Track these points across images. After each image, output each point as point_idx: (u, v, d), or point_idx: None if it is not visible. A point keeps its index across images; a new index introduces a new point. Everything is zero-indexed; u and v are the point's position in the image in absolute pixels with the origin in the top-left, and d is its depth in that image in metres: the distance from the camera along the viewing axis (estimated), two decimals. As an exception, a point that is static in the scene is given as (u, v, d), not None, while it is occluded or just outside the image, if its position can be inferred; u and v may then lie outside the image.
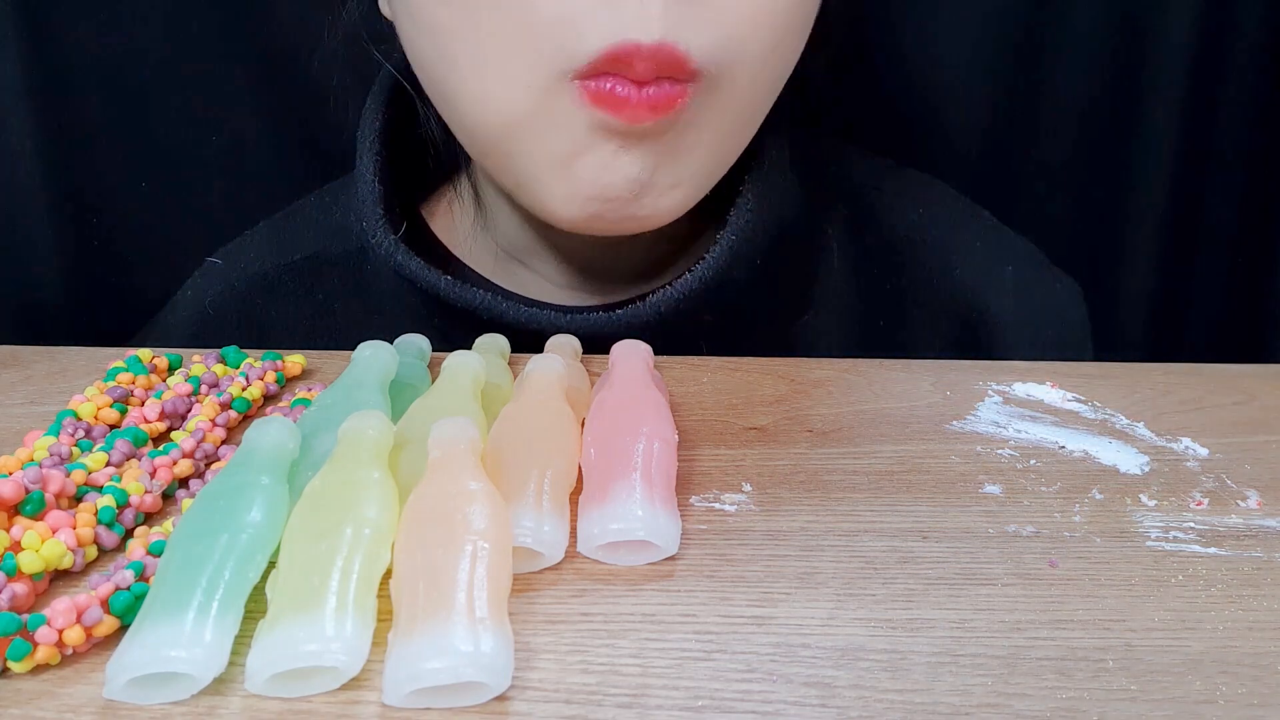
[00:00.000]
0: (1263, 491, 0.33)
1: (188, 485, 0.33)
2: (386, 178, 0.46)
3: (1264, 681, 0.25)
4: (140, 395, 0.38)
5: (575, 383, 0.37)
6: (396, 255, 0.43)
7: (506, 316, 0.42)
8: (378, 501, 0.28)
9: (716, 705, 0.24)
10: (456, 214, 0.50)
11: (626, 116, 0.36)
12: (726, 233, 0.43)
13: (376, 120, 0.46)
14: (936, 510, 0.32)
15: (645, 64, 0.35)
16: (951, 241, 0.50)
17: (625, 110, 0.36)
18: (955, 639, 0.26)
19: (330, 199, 0.51)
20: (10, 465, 0.32)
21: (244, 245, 0.52)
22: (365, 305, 0.48)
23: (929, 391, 0.39)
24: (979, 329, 0.50)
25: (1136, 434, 0.36)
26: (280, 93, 0.57)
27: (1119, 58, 0.58)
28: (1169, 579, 0.29)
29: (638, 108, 0.35)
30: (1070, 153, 0.60)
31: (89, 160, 0.57)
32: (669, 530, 0.29)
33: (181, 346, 0.43)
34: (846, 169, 0.52)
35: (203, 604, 0.24)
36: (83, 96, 0.56)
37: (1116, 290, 0.62)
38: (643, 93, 0.35)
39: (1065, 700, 0.24)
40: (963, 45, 0.58)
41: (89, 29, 0.55)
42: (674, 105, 0.36)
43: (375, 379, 0.35)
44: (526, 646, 0.26)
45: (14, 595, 0.26)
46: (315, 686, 0.24)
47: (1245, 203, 0.60)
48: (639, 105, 0.35)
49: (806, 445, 0.35)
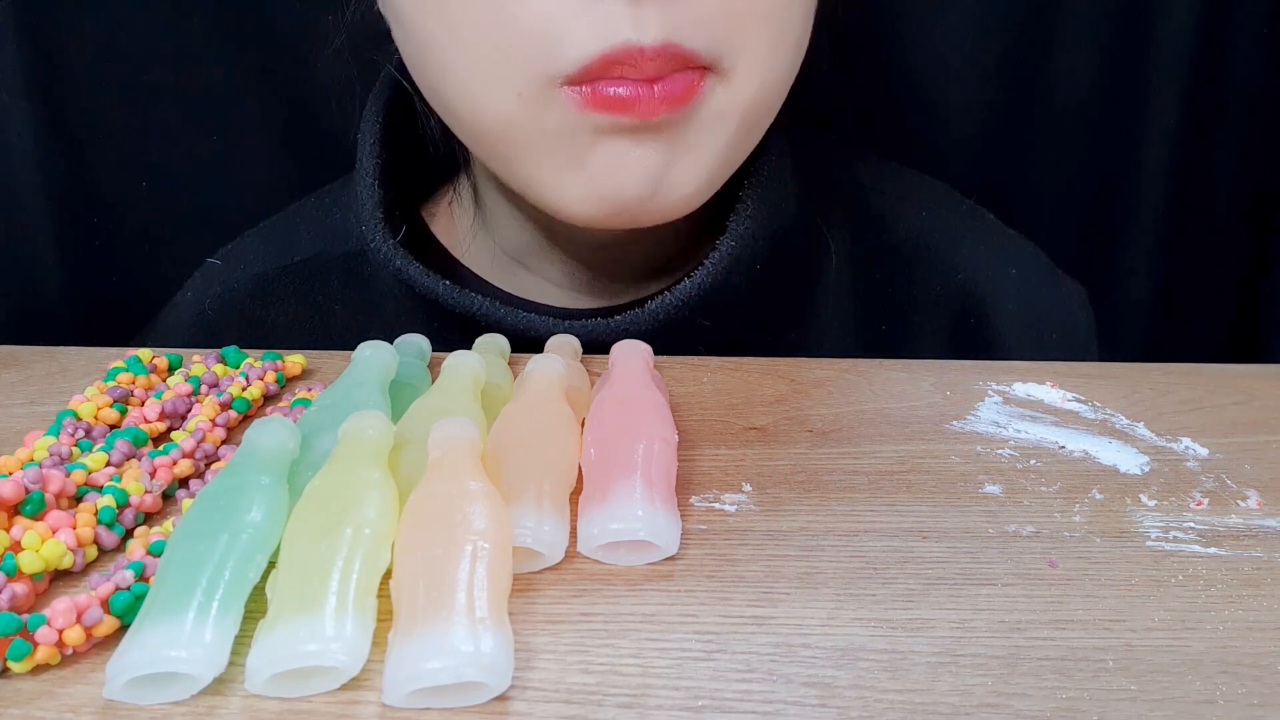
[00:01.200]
0: (1263, 491, 0.33)
1: (188, 485, 0.33)
2: (387, 180, 0.46)
3: (1264, 681, 0.25)
4: (140, 395, 0.38)
5: (575, 383, 0.37)
6: (395, 260, 0.43)
7: (505, 323, 0.42)
8: (378, 501, 0.28)
9: (716, 705, 0.24)
10: (456, 215, 0.50)
11: (639, 113, 0.35)
12: (726, 239, 0.43)
13: (377, 122, 0.46)
14: (936, 510, 0.32)
15: (652, 65, 0.35)
16: (955, 244, 0.50)
17: (638, 107, 0.35)
18: (955, 639, 0.26)
19: (330, 200, 0.51)
20: (10, 465, 0.32)
21: (244, 247, 0.52)
22: (365, 307, 0.48)
23: (929, 391, 0.39)
24: (983, 333, 0.49)
25: (1136, 434, 0.36)
26: (280, 93, 0.57)
27: (1119, 58, 0.58)
28: (1169, 579, 0.29)
29: (653, 102, 0.35)
30: (1070, 153, 0.60)
31: (89, 160, 0.57)
32: (669, 530, 0.29)
33: (181, 347, 0.43)
34: (849, 171, 0.52)
35: (203, 604, 0.24)
36: (83, 96, 0.56)
37: (1117, 290, 0.62)
38: (655, 88, 0.35)
39: (1065, 700, 0.24)
40: (964, 46, 0.58)
41: (89, 28, 0.55)
42: (692, 94, 0.36)
43: (375, 379, 0.35)
44: (526, 646, 0.26)
45: (14, 595, 0.26)
46: (315, 686, 0.24)
47: (1245, 203, 0.60)
48: (655, 100, 0.35)
49: (806, 445, 0.35)
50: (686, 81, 0.36)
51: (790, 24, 0.39)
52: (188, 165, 0.58)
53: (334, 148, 0.52)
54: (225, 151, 0.58)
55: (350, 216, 0.47)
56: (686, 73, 0.36)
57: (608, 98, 0.35)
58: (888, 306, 0.50)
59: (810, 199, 0.49)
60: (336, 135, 0.51)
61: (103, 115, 0.57)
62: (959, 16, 0.57)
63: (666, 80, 0.35)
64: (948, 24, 0.57)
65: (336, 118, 0.50)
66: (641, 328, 0.42)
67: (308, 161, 0.57)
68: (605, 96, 0.35)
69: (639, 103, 0.35)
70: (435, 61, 0.38)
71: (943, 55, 0.58)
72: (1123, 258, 0.62)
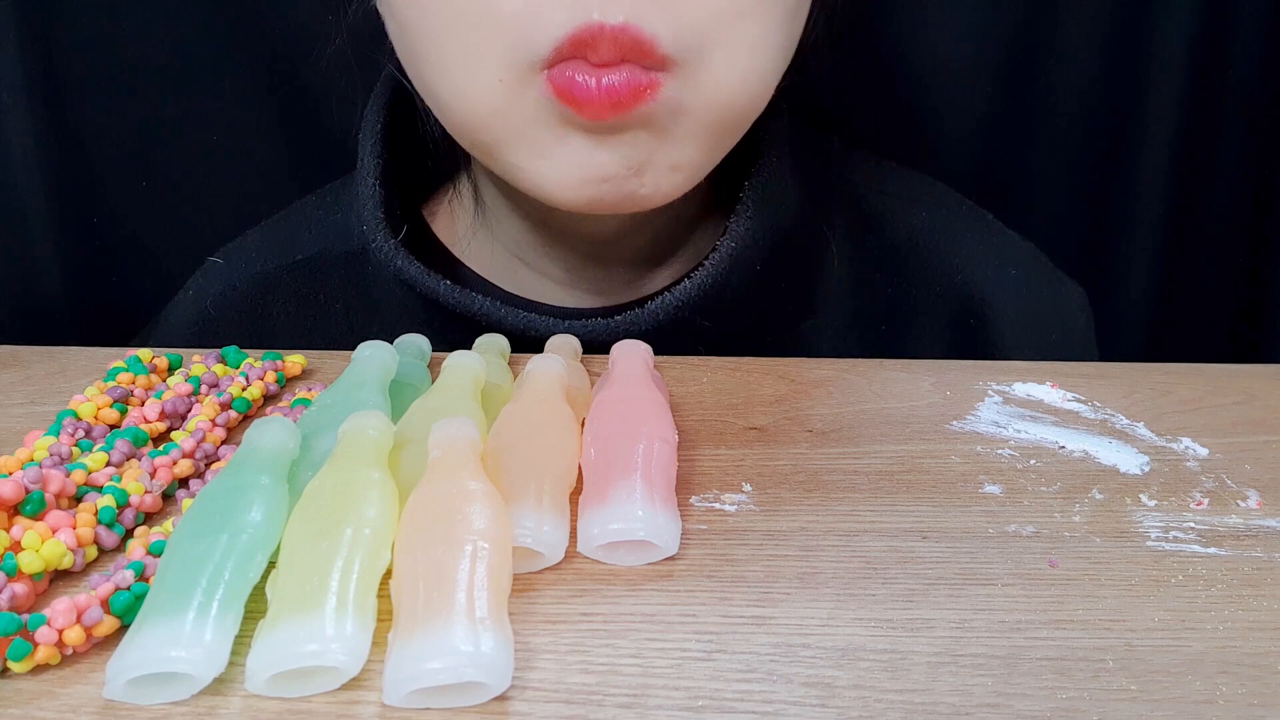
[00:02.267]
0: (1263, 491, 0.33)
1: (188, 485, 0.33)
2: (388, 180, 0.46)
3: (1264, 681, 0.25)
4: (140, 395, 0.38)
5: (575, 383, 0.37)
6: (396, 260, 0.43)
7: (505, 322, 0.42)
8: (378, 501, 0.28)
9: (716, 705, 0.24)
10: (456, 213, 0.50)
11: (585, 112, 0.35)
12: (726, 240, 0.43)
13: (378, 122, 0.47)
14: (936, 510, 0.32)
15: (608, 46, 0.34)
16: (955, 244, 0.50)
17: (585, 106, 0.35)
18: (955, 639, 0.26)
19: (331, 199, 0.51)
20: (10, 465, 0.32)
21: (245, 245, 0.52)
22: (366, 305, 0.48)
23: (929, 391, 0.39)
24: (982, 332, 0.49)
25: (1136, 434, 0.36)
26: (281, 93, 0.57)
27: (1119, 58, 0.58)
28: (1169, 579, 0.29)
29: (597, 105, 0.35)
30: (1070, 153, 0.60)
31: (89, 160, 0.57)
32: (669, 530, 0.29)
33: (182, 346, 0.43)
34: (849, 171, 0.52)
35: (203, 604, 0.24)
36: (83, 96, 0.56)
37: (1117, 290, 0.62)
38: (603, 84, 0.35)
39: (1065, 700, 0.24)
40: (963, 46, 0.58)
41: (89, 29, 0.55)
42: (639, 98, 0.35)
43: (375, 379, 0.35)
44: (526, 646, 0.26)
45: (14, 595, 0.26)
46: (315, 686, 0.24)
47: (1245, 203, 0.60)
48: (598, 99, 0.35)
49: (806, 445, 0.35)
50: (633, 84, 0.35)
51: (774, 24, 0.38)
52: (188, 165, 0.58)
53: (335, 148, 0.52)
54: (225, 151, 0.58)
55: (351, 216, 0.47)
56: (636, 70, 0.35)
57: (565, 84, 0.35)
58: (887, 306, 0.50)
59: (810, 199, 0.49)
60: (337, 135, 0.51)
61: (103, 115, 0.57)
62: (959, 16, 0.57)
63: (614, 73, 0.35)
64: (948, 24, 0.57)
65: (337, 117, 0.50)
66: (641, 327, 0.42)
67: (308, 162, 0.57)
68: (563, 83, 0.35)
69: (586, 102, 0.35)
70: (421, 51, 0.38)
71: (942, 55, 0.58)
72: (1123, 258, 0.62)
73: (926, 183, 0.52)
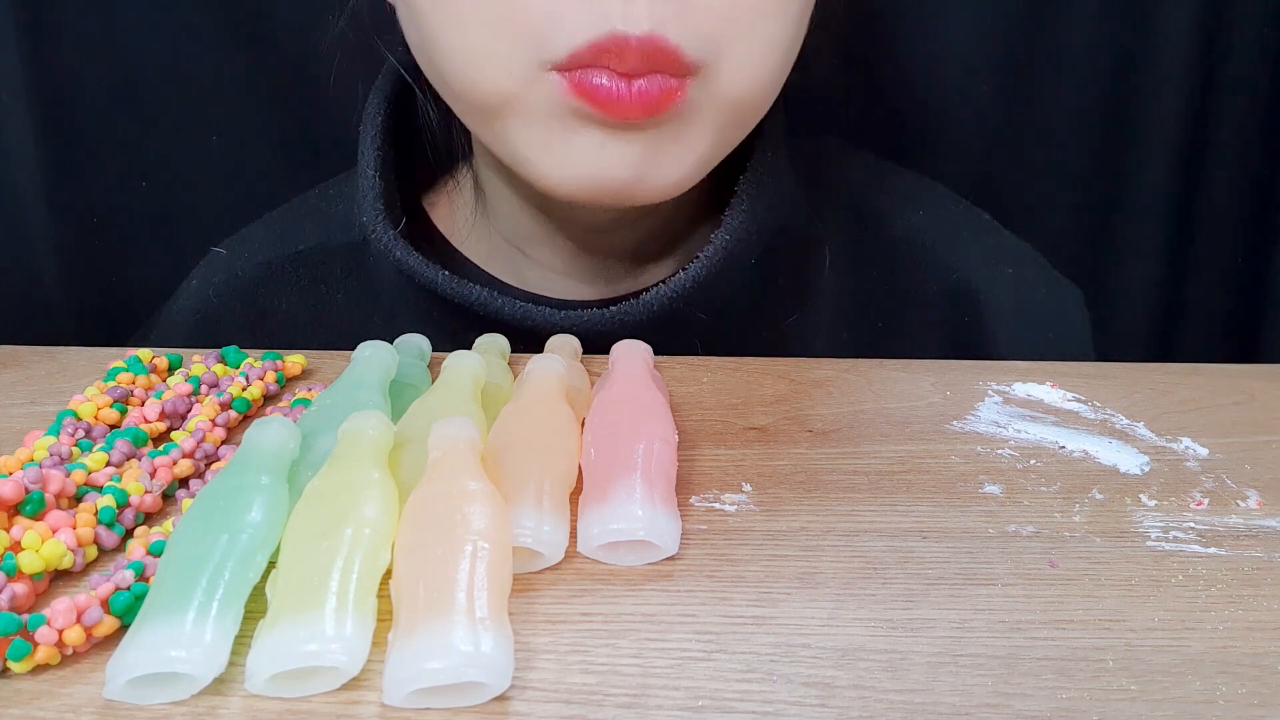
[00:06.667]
0: (1263, 491, 0.33)
1: (188, 485, 0.33)
2: (388, 172, 0.46)
3: (1264, 681, 0.25)
4: (140, 395, 0.38)
5: (575, 383, 0.37)
6: (395, 251, 0.44)
7: (503, 313, 0.43)
8: (378, 501, 0.28)
9: (716, 705, 0.24)
10: (456, 203, 0.50)
11: (614, 112, 0.36)
12: (721, 233, 0.43)
13: (379, 115, 0.47)
14: (936, 510, 0.32)
15: (635, 56, 0.35)
16: (951, 243, 0.50)
17: (614, 107, 0.36)
18: (955, 639, 0.26)
19: (334, 192, 0.51)
20: (10, 465, 0.32)
21: (248, 235, 0.52)
22: (367, 296, 0.49)
23: (929, 391, 0.39)
24: (978, 331, 0.49)
25: (1136, 434, 0.36)
26: (281, 91, 0.57)
27: (1118, 58, 0.58)
28: (1169, 579, 0.29)
29: (628, 105, 0.35)
30: (1070, 153, 0.60)
31: (89, 160, 0.58)
32: (669, 530, 0.29)
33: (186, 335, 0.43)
34: (846, 170, 0.52)
35: (203, 604, 0.24)
36: (83, 96, 0.56)
37: (1116, 290, 0.62)
38: (634, 87, 0.35)
39: (1065, 700, 0.24)
40: (963, 47, 0.58)
41: (89, 29, 0.55)
42: (670, 102, 0.36)
43: (375, 379, 0.35)
44: (526, 646, 0.26)
45: (14, 595, 0.26)
46: (315, 686, 0.24)
47: (1245, 203, 0.60)
48: (630, 103, 0.35)
49: (806, 445, 0.35)
50: (665, 89, 0.36)
51: (784, 25, 0.39)
52: (188, 165, 0.58)
53: (335, 145, 0.52)
54: (225, 151, 0.58)
55: (353, 208, 0.47)
56: (667, 78, 0.36)
57: (589, 87, 0.36)
58: (883, 304, 0.50)
59: (807, 196, 0.49)
60: (338, 132, 0.52)
61: (103, 115, 0.57)
62: (959, 16, 0.57)
63: (646, 80, 0.35)
64: (948, 24, 0.58)
65: (338, 113, 0.51)
66: (637, 319, 0.42)
67: (308, 160, 0.57)
68: (587, 85, 0.36)
69: (615, 103, 0.35)
70: (432, 36, 0.39)
71: (942, 55, 0.58)
72: (1123, 258, 0.62)
73: (924, 183, 0.52)
